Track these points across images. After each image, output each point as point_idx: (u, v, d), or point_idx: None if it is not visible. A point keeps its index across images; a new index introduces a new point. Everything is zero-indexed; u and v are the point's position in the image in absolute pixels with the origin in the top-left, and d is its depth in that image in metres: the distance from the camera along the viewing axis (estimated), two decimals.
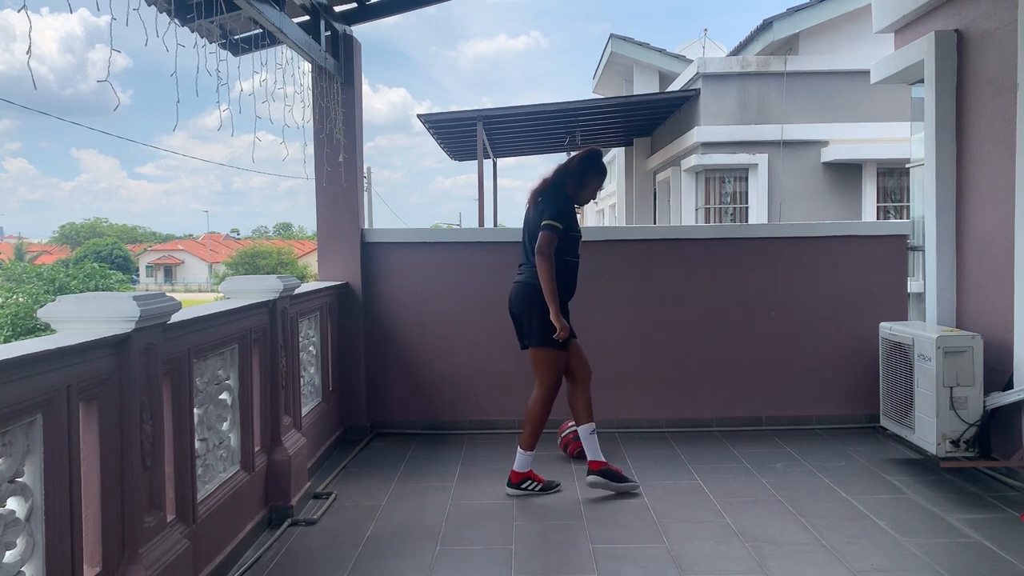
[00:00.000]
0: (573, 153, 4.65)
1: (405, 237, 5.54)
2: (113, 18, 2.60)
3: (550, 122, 11.49)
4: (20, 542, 1.98)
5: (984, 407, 4.25)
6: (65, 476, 2.10)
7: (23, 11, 2.15)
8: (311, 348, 4.82)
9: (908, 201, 9.80)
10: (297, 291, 4.13)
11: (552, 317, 3.89)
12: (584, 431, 4.11)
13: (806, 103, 10.66)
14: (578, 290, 5.41)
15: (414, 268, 5.45)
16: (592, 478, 4.04)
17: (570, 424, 4.65)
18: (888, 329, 4.83)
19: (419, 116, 10.27)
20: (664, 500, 3.97)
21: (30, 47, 2.27)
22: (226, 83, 3.44)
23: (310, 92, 4.96)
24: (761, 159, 10.75)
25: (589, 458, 4.08)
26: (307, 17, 4.89)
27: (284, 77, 4.21)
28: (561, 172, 4.12)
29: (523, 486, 4.08)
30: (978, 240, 4.60)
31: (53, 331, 2.35)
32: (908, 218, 8.40)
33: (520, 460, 4.09)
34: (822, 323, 5.41)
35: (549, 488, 4.10)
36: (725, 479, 4.29)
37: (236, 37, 4.41)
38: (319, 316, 4.94)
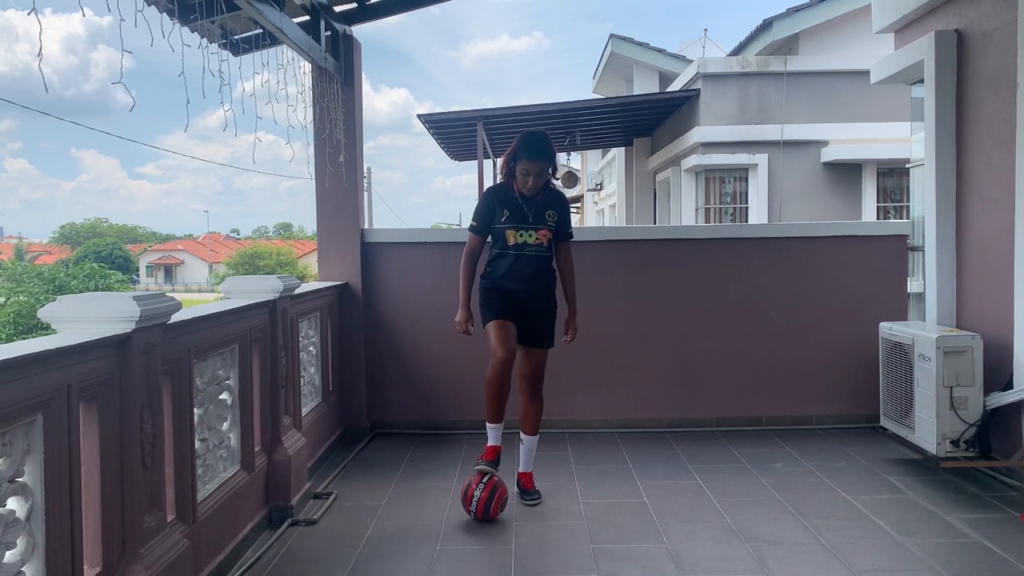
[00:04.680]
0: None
1: (405, 237, 5.54)
2: (122, 19, 2.60)
3: (550, 122, 11.49)
4: (20, 542, 1.98)
5: (984, 407, 4.25)
6: (65, 476, 2.10)
7: (33, 14, 2.16)
8: (311, 348, 4.82)
9: (908, 201, 9.80)
10: (297, 291, 4.13)
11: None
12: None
13: (806, 103, 10.66)
14: (578, 290, 5.39)
15: (414, 268, 5.44)
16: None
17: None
18: (888, 329, 4.83)
19: (419, 116, 10.27)
20: (664, 500, 3.97)
21: (40, 50, 2.28)
22: (228, 83, 3.45)
23: (310, 92, 4.97)
24: (761, 159, 10.75)
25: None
26: (307, 17, 4.89)
27: (285, 77, 4.21)
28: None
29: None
30: (978, 240, 4.60)
31: (53, 331, 2.36)
32: (908, 218, 8.40)
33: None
34: (822, 323, 5.41)
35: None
36: (725, 479, 4.29)
37: (236, 37, 4.41)
38: (319, 316, 4.94)
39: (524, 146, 3.81)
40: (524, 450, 4.09)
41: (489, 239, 4.00)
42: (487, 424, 4.01)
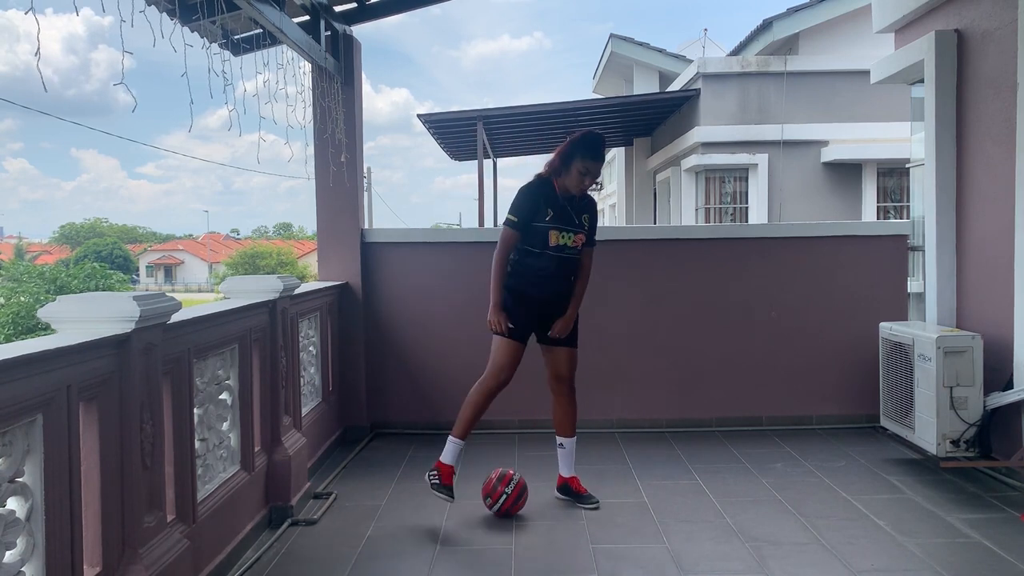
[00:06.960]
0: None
1: (405, 237, 5.54)
2: (122, 20, 2.61)
3: (550, 122, 11.49)
4: (20, 542, 1.98)
5: (984, 407, 4.25)
6: (65, 476, 2.10)
7: (30, 13, 2.16)
8: (311, 348, 4.82)
9: (908, 201, 9.80)
10: (297, 291, 4.13)
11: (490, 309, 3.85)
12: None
13: (806, 103, 10.67)
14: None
15: (414, 268, 5.44)
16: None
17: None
18: (888, 329, 4.83)
19: (419, 116, 10.27)
20: (664, 500, 3.97)
21: (39, 50, 2.28)
22: (231, 83, 3.46)
23: (311, 92, 4.97)
24: (761, 159, 10.76)
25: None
26: (307, 17, 4.89)
27: (285, 77, 4.22)
28: (551, 157, 3.84)
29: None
30: (978, 240, 4.60)
31: (53, 331, 2.36)
32: (908, 218, 8.40)
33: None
34: (822, 323, 5.41)
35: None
36: (725, 479, 4.29)
37: (236, 37, 4.41)
38: (319, 316, 4.94)
39: (588, 146, 3.70)
40: (566, 454, 3.98)
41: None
42: (451, 437, 3.89)
